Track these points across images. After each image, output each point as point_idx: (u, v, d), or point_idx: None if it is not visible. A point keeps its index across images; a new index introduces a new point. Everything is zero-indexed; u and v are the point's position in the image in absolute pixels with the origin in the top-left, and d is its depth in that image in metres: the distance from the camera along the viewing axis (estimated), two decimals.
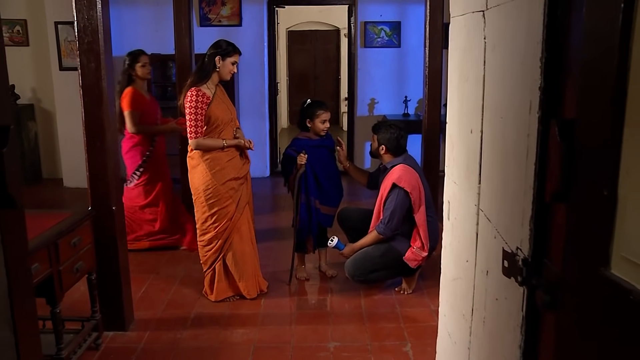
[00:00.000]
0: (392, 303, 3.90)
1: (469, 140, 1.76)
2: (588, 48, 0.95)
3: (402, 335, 3.46)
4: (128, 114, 4.60)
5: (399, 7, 7.44)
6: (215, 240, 3.80)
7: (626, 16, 0.85)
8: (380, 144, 3.97)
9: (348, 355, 3.23)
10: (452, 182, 2.05)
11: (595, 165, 0.95)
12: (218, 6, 7.25)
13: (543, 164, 1.14)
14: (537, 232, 1.20)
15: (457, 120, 1.96)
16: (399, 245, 3.92)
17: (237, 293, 3.92)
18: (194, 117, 3.57)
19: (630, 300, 0.85)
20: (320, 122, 4.05)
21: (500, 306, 1.44)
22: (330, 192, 4.15)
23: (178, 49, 5.29)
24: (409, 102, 7.43)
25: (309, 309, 3.88)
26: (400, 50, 7.53)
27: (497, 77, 1.49)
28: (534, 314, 1.24)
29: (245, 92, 7.47)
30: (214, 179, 3.68)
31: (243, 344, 3.37)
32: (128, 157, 4.77)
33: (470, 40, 1.75)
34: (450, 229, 2.10)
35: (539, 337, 1.24)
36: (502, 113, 1.42)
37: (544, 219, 1.18)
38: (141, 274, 4.33)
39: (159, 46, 7.02)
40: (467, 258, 1.83)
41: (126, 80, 4.68)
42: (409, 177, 3.82)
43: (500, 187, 1.46)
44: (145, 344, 3.37)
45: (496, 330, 1.50)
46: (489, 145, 1.56)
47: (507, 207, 1.38)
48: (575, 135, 1.00)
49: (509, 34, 1.38)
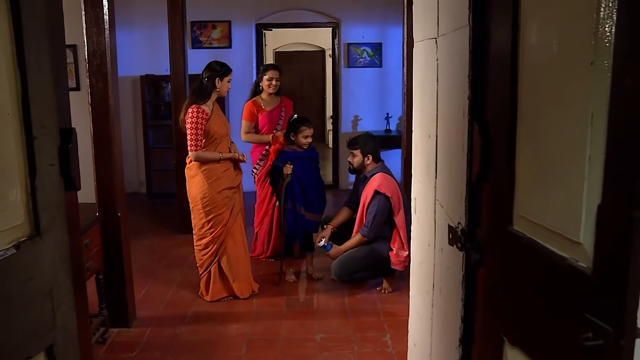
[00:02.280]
0: (374, 300, 4.25)
1: (428, 144, 2.13)
2: (493, 68, 1.33)
3: (382, 327, 3.81)
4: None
5: (380, 30, 7.88)
6: (211, 245, 4.13)
7: (514, 46, 1.23)
8: (365, 155, 4.33)
9: (333, 345, 3.57)
10: (417, 181, 2.43)
11: (501, 152, 1.32)
12: (209, 29, 7.65)
13: (471, 154, 1.51)
14: (470, 208, 1.57)
15: (419, 129, 2.34)
16: (380, 248, 4.28)
17: (231, 293, 4.25)
18: (194, 132, 3.93)
19: (522, 243, 1.23)
20: (302, 137, 4.45)
21: (450, 273, 1.80)
22: (314, 200, 4.53)
23: (173, 70, 5.66)
24: (391, 118, 7.84)
25: (297, 306, 4.21)
26: (381, 69, 7.96)
27: (445, 91, 1.87)
28: (470, 272, 1.60)
29: (235, 110, 7.81)
30: (211, 188, 4.03)
31: (237, 337, 3.69)
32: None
33: (427, 62, 2.13)
34: (417, 221, 2.47)
35: (474, 289, 1.60)
36: (448, 119, 1.80)
37: (474, 197, 1.55)
38: (141, 278, 4.63)
39: (152, 67, 7.39)
40: (428, 242, 2.19)
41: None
42: (388, 184, 4.19)
43: (448, 178, 1.83)
44: (148, 338, 3.68)
45: (448, 294, 1.86)
46: (441, 146, 1.93)
47: (452, 193, 1.75)
48: (489, 131, 1.38)
49: (451, 57, 1.76)
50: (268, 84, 4.89)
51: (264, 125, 4.87)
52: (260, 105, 4.92)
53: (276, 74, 4.91)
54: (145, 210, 7.17)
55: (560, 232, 1.09)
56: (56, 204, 1.34)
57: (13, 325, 1.20)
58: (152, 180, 7.67)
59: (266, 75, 4.90)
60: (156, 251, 5.48)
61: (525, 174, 1.25)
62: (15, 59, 1.19)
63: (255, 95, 4.99)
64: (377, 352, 3.49)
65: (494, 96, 1.35)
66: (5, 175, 1.19)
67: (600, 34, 0.95)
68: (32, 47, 1.24)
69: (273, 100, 4.98)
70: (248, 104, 4.94)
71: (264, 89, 4.93)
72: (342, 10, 7.83)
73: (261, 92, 4.97)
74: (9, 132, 1.20)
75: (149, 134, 7.57)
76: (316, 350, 3.51)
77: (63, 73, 1.45)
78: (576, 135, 1.02)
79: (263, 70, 4.99)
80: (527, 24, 1.20)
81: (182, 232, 5.86)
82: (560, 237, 1.09)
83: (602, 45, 0.95)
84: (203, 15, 7.48)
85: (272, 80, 4.89)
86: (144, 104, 7.49)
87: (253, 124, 4.89)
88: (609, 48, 0.93)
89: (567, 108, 1.06)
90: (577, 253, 1.04)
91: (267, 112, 4.90)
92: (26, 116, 1.22)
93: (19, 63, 1.20)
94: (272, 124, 4.88)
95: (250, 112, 4.89)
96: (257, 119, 4.89)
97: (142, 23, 7.46)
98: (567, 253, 1.07)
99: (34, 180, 1.26)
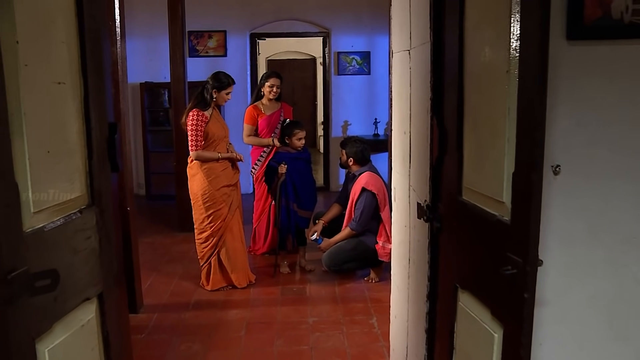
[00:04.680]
0: (362, 289, 4.62)
1: (403, 139, 2.51)
2: (447, 75, 1.72)
3: (369, 312, 4.18)
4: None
5: (369, 39, 8.30)
6: (211, 238, 4.49)
7: (460, 59, 1.62)
8: (348, 157, 4.73)
9: (324, 327, 3.93)
10: (396, 172, 2.81)
11: (452, 140, 1.71)
12: (205, 39, 8.03)
13: (432, 143, 1.89)
14: (433, 187, 1.95)
15: (397, 127, 2.73)
16: (367, 240, 4.65)
17: (229, 283, 4.60)
18: (194, 133, 4.30)
19: (467, 208, 1.61)
20: (296, 140, 4.85)
21: (419, 244, 2.18)
22: (305, 197, 4.92)
23: (174, 77, 6.02)
24: (379, 123, 8.25)
25: (291, 294, 4.57)
26: (370, 77, 8.38)
27: (416, 94, 2.25)
28: (434, 239, 1.98)
29: (230, 116, 8.16)
30: (210, 186, 4.40)
31: (237, 321, 4.05)
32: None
33: (403, 70, 2.52)
34: (396, 207, 2.85)
35: (437, 253, 1.98)
36: (418, 117, 2.18)
37: (436, 178, 1.93)
38: (145, 271, 4.95)
39: (151, 75, 7.76)
40: (405, 224, 2.57)
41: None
42: (375, 182, 4.58)
43: (417, 165, 2.21)
44: (155, 322, 4.03)
45: (419, 262, 2.23)
46: (413, 140, 2.32)
47: (420, 177, 2.13)
48: (444, 124, 1.76)
49: (419, 66, 2.14)
50: (269, 91, 5.24)
51: (263, 128, 5.22)
52: (261, 109, 5.28)
53: (277, 82, 5.27)
54: (144, 211, 7.49)
55: (491, 195, 1.47)
56: (105, 181, 1.70)
57: (78, 272, 1.55)
58: (151, 183, 8.02)
59: (268, 82, 5.25)
60: (157, 248, 5.81)
61: (469, 155, 1.63)
62: (80, 66, 1.56)
63: (257, 100, 5.35)
64: (364, 333, 3.86)
65: (448, 96, 1.73)
66: (73, 158, 1.55)
67: (512, 49, 1.34)
68: (90, 55, 1.60)
69: (273, 105, 5.33)
70: (249, 108, 5.30)
71: (265, 95, 5.28)
72: (333, 21, 8.25)
73: (262, 98, 5.32)
74: (75, 125, 1.56)
75: (148, 139, 7.92)
76: (309, 332, 3.87)
77: (108, 77, 1.81)
78: (499, 124, 1.41)
79: (265, 77, 5.33)
80: (467, 41, 1.59)
81: (181, 231, 6.22)
82: (491, 199, 1.47)
83: (513, 58, 1.33)
84: (200, 25, 7.85)
85: (272, 87, 5.23)
86: (143, 110, 7.84)
87: (254, 127, 5.24)
88: (517, 60, 1.31)
89: (493, 104, 1.45)
90: (502, 210, 1.42)
91: (267, 116, 5.25)
92: (87, 112, 1.59)
93: (82, 69, 1.57)
94: (271, 127, 5.23)
95: (251, 116, 5.25)
96: (257, 122, 5.25)
97: (142, 33, 7.80)
98: (495, 211, 1.45)
99: (91, 162, 1.62)
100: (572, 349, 1.52)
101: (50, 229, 1.43)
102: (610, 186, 1.45)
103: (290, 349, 3.62)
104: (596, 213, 1.46)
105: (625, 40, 1.38)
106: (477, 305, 1.58)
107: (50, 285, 1.37)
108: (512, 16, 1.32)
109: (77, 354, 1.57)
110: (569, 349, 1.52)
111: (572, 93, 1.41)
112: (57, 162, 1.47)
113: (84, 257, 1.59)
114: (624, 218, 1.46)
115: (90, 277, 1.61)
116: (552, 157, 1.42)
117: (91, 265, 1.63)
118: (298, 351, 3.59)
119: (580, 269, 1.49)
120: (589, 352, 1.52)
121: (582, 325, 1.51)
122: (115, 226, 1.87)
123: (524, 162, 1.29)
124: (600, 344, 1.52)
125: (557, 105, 1.40)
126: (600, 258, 1.48)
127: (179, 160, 5.93)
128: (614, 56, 1.39)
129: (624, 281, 1.49)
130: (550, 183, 1.43)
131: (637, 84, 1.39)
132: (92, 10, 1.62)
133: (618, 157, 1.43)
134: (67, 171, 1.53)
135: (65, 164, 1.52)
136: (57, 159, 1.47)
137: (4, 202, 1.24)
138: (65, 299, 1.49)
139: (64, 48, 1.51)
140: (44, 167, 1.41)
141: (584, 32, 1.37)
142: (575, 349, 1.52)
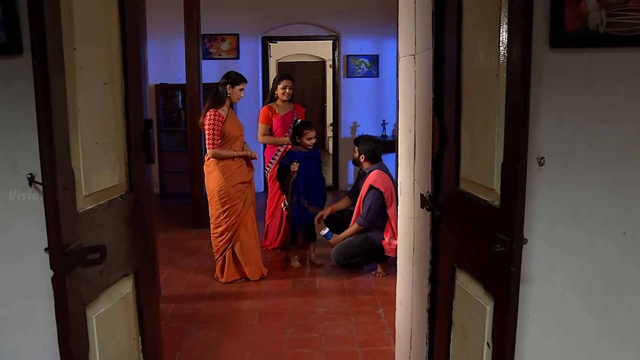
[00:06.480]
0: (369, 282, 4.82)
1: (408, 137, 2.71)
2: (446, 78, 1.92)
3: (376, 303, 4.38)
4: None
5: (377, 42, 8.51)
6: (226, 232, 4.71)
7: (458, 63, 1.82)
8: (360, 154, 4.95)
9: (333, 317, 4.13)
10: (402, 168, 3.01)
11: (451, 136, 1.90)
12: (218, 42, 8.26)
13: (434, 139, 2.09)
14: (434, 179, 2.14)
15: (403, 126, 2.93)
16: (374, 236, 4.86)
17: (243, 276, 4.82)
18: (211, 132, 4.52)
19: (464, 196, 1.80)
20: (307, 139, 5.07)
21: (423, 233, 2.38)
22: (316, 194, 5.14)
23: (189, 80, 6.25)
24: (387, 125, 8.45)
25: (302, 287, 4.78)
26: (378, 79, 8.58)
27: (420, 95, 2.45)
28: (435, 226, 2.17)
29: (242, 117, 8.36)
30: (226, 182, 4.62)
31: (250, 311, 4.26)
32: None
33: (409, 73, 2.72)
34: (402, 201, 3.04)
35: (438, 240, 2.17)
36: (421, 116, 2.38)
37: (437, 171, 2.13)
38: (161, 264, 5.15)
39: (167, 77, 8.00)
40: (410, 215, 2.77)
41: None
42: (383, 180, 4.79)
43: (421, 160, 2.41)
44: (173, 311, 4.25)
45: (422, 249, 2.43)
46: (417, 137, 2.51)
47: (423, 171, 2.33)
48: (444, 122, 1.96)
49: (423, 69, 2.34)
50: (282, 92, 5.49)
51: (277, 128, 5.47)
52: (275, 110, 5.53)
53: (289, 83, 5.53)
54: (159, 208, 7.71)
55: (483, 184, 1.67)
56: (141, 171, 1.92)
57: (119, 250, 1.77)
58: (165, 182, 8.26)
59: (280, 84, 5.51)
60: (172, 243, 6.04)
61: (465, 149, 1.83)
62: (121, 69, 1.78)
63: (272, 102, 5.59)
64: (371, 322, 4.06)
65: (447, 97, 1.93)
66: (115, 149, 1.77)
67: (501, 55, 1.53)
68: (130, 59, 1.82)
69: (286, 106, 5.58)
70: (264, 108, 5.56)
71: (279, 96, 5.53)
72: (342, 25, 8.47)
73: (276, 99, 5.56)
74: (117, 121, 1.78)
75: (163, 139, 8.16)
76: (318, 321, 4.07)
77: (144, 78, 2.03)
78: (490, 121, 1.60)
79: (278, 79, 5.59)
80: (464, 48, 1.79)
81: (195, 227, 6.44)
82: (484, 187, 1.67)
83: (502, 63, 1.53)
84: (213, 28, 8.08)
85: (285, 89, 5.49)
86: (158, 111, 8.08)
87: (268, 127, 5.49)
88: (505, 65, 1.51)
89: (485, 104, 1.65)
90: (492, 196, 1.62)
91: (281, 116, 5.50)
92: (126, 109, 1.80)
93: (123, 71, 1.79)
94: (285, 127, 5.48)
95: (266, 116, 5.50)
96: (271, 122, 5.49)
97: (157, 36, 8.03)
98: (487, 197, 1.65)
99: (129, 153, 1.84)
100: (556, 321, 1.72)
101: (98, 211, 1.64)
102: (589, 176, 1.65)
103: (300, 336, 3.82)
104: (576, 200, 1.66)
105: (600, 49, 1.58)
106: (472, 282, 1.78)
107: (99, 259, 1.58)
108: (501, 27, 1.52)
109: (117, 322, 1.79)
110: (554, 321, 1.72)
111: (554, 94, 1.61)
112: (103, 152, 1.69)
113: (124, 238, 1.80)
114: (601, 204, 1.66)
115: (128, 256, 1.83)
116: (537, 150, 1.62)
117: (129, 246, 1.84)
118: (308, 338, 3.79)
119: (563, 250, 1.69)
120: (571, 323, 1.72)
121: (565, 299, 1.71)
122: (148, 212, 2.08)
123: (511, 153, 1.49)
124: (581, 315, 1.72)
125: (541, 104, 1.60)
126: (581, 240, 1.68)
127: (194, 159, 6.17)
128: (591, 62, 1.59)
129: (602, 260, 1.69)
130: (536, 173, 1.63)
131: (611, 87, 1.60)
132: (132, 19, 1.83)
133: (595, 151, 1.63)
134: (111, 161, 1.74)
135: (110, 155, 1.74)
136: (103, 149, 1.69)
137: (63, 185, 1.45)
138: (109, 273, 1.70)
139: (109, 52, 1.73)
140: (93, 156, 1.62)
141: (565, 41, 1.57)
142: (559, 321, 1.72)
